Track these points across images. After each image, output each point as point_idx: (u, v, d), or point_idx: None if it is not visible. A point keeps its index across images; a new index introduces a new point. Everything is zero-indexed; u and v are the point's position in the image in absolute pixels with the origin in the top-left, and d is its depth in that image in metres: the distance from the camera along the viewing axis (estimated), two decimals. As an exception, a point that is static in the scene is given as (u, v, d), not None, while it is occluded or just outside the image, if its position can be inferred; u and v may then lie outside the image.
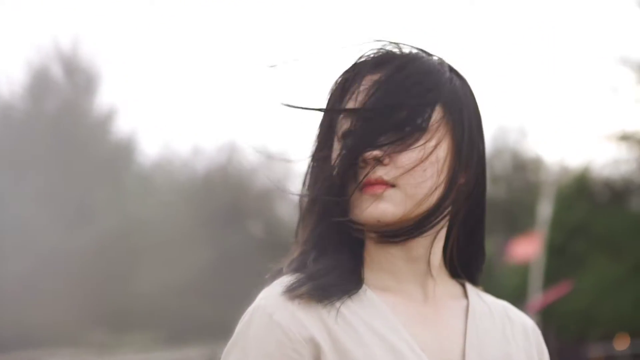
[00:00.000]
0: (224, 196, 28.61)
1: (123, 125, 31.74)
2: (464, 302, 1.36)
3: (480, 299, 1.39)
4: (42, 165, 23.59)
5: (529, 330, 1.40)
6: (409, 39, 1.34)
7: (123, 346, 22.79)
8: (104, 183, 24.92)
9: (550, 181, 14.44)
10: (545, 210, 13.14)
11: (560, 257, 16.90)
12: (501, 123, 31.13)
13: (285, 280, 1.27)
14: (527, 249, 12.52)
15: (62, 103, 25.50)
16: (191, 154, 30.15)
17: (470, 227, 1.36)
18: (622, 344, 17.05)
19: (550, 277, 13.73)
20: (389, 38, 1.31)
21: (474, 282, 1.41)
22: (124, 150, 26.95)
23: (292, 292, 1.24)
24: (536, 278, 12.52)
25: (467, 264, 1.39)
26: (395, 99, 1.24)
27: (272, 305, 1.24)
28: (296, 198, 1.37)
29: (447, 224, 1.31)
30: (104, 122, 26.37)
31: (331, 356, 1.20)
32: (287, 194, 1.36)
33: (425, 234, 1.28)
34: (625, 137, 19.45)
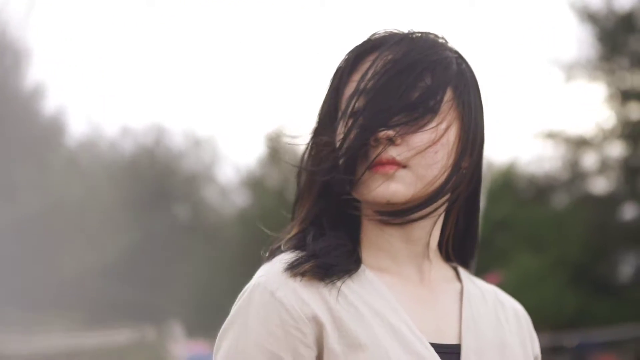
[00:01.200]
0: (150, 179, 28.33)
1: (50, 105, 31.12)
2: (457, 285, 1.37)
3: (473, 283, 1.40)
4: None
5: (520, 315, 1.42)
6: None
7: (43, 326, 22.40)
8: (29, 163, 24.43)
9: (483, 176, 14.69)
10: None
11: (486, 251, 17.18)
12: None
13: (285, 257, 1.26)
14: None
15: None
16: (119, 135, 29.77)
17: (468, 212, 1.38)
18: (543, 337, 17.42)
19: (477, 270, 13.97)
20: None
21: (466, 267, 1.43)
22: (51, 130, 26.45)
23: (294, 269, 1.23)
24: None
25: (461, 248, 1.40)
26: (408, 79, 1.24)
27: (274, 282, 1.22)
28: (294, 174, 1.35)
29: (446, 207, 1.31)
30: (30, 100, 25.84)
31: (333, 334, 1.20)
32: (293, 169, 1.35)
33: (429, 217, 1.28)
34: (551, 135, 19.83)
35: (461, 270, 1.41)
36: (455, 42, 1.33)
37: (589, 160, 20.02)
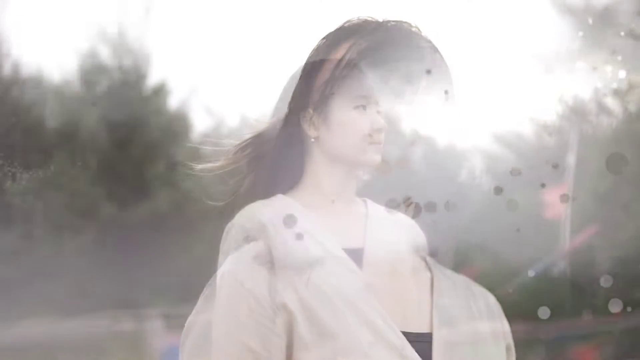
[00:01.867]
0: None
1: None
2: (427, 274, 1.39)
3: (443, 273, 1.42)
4: None
5: (491, 303, 1.44)
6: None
7: (19, 317, 22.26)
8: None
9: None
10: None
11: (464, 242, 17.32)
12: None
13: (255, 245, 1.25)
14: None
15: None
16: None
17: None
18: (519, 330, 17.55)
19: (457, 263, 14.10)
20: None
21: None
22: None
23: (263, 257, 1.22)
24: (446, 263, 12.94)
25: None
26: (387, 66, 1.26)
27: (243, 270, 1.22)
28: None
29: None
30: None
31: (303, 323, 1.19)
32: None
33: None
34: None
35: (429, 260, 1.42)
36: (429, 32, 1.34)
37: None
